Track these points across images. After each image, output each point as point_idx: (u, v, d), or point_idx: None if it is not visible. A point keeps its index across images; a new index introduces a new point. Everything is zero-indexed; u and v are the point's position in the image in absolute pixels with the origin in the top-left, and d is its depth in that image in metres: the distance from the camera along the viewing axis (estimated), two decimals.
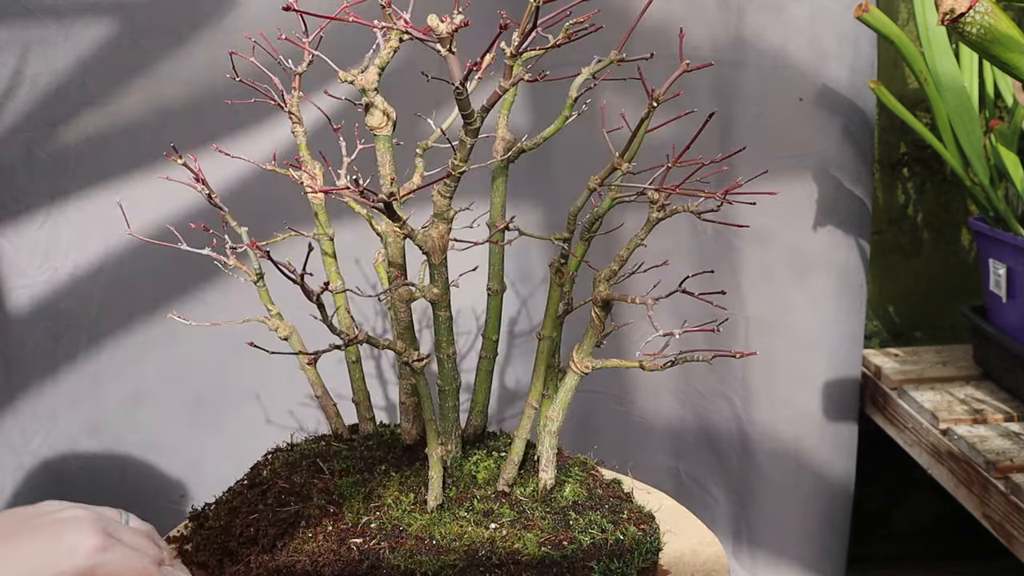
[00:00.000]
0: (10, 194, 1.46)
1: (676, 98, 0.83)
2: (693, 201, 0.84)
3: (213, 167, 1.41)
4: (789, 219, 1.51)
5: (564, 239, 0.93)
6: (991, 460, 1.25)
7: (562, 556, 0.84)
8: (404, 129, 0.97)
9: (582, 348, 0.89)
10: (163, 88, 1.45)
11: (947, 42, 1.38)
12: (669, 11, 1.45)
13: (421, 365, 0.86)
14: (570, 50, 0.98)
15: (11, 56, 1.41)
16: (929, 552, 1.88)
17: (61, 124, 1.44)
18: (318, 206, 1.03)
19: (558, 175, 1.54)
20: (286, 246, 1.45)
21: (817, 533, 1.58)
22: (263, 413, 1.56)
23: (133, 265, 1.49)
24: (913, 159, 1.73)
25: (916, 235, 1.75)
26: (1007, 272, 1.39)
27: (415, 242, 0.84)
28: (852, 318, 1.54)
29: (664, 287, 0.86)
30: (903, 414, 1.48)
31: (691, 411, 1.62)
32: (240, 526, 0.91)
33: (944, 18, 0.86)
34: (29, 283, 1.48)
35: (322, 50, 0.93)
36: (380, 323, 1.56)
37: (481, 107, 0.75)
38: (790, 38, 1.45)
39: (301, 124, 0.99)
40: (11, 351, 1.50)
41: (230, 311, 1.51)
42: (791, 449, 1.56)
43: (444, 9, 0.76)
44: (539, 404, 0.95)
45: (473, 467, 0.97)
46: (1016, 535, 1.20)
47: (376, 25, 0.83)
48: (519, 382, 1.59)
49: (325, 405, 1.07)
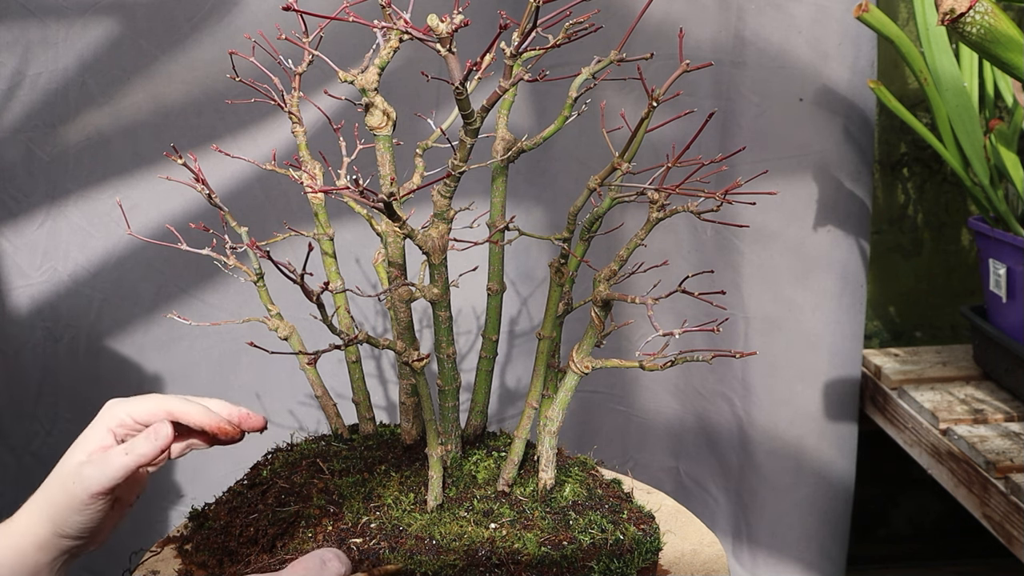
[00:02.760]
0: (10, 194, 1.46)
1: (676, 98, 0.83)
2: (693, 201, 0.84)
3: (213, 167, 1.41)
4: (789, 219, 1.51)
5: (564, 239, 0.93)
6: (991, 460, 1.25)
7: (562, 556, 0.84)
8: (404, 129, 0.97)
9: (582, 348, 0.89)
10: (163, 88, 1.45)
11: (947, 42, 1.38)
12: (669, 11, 1.45)
13: (421, 365, 0.86)
14: (570, 50, 0.98)
15: (12, 56, 1.41)
16: (929, 552, 1.88)
17: (61, 124, 1.44)
18: (318, 206, 1.03)
19: (558, 175, 1.54)
20: (286, 246, 1.46)
21: (817, 533, 1.58)
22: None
23: (133, 265, 1.49)
24: (913, 159, 1.73)
25: (916, 235, 1.76)
26: (1007, 272, 1.39)
27: (415, 242, 0.84)
28: (852, 318, 1.54)
29: (664, 287, 0.86)
30: (903, 414, 1.48)
31: (691, 411, 1.62)
32: (240, 526, 0.91)
33: (944, 18, 0.86)
34: (29, 283, 1.48)
35: (322, 50, 0.93)
36: (380, 323, 1.56)
37: (481, 107, 0.75)
38: (790, 38, 1.45)
39: (301, 124, 0.99)
40: (11, 351, 1.50)
41: (230, 311, 1.52)
42: (791, 449, 1.56)
43: (444, 9, 0.76)
44: (539, 404, 0.95)
45: (473, 467, 0.97)
46: (1016, 535, 1.20)
47: (376, 25, 0.83)
48: (519, 382, 1.59)
49: (325, 405, 1.07)
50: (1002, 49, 0.87)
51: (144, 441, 0.77)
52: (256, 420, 0.84)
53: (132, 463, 0.76)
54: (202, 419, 0.80)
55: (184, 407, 0.80)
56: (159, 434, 0.77)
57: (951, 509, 1.52)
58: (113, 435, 0.79)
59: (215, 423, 0.80)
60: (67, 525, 0.77)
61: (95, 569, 1.57)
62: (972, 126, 1.39)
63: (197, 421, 0.80)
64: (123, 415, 0.80)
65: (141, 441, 0.77)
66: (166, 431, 0.77)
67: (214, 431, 0.80)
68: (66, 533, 0.77)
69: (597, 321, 0.88)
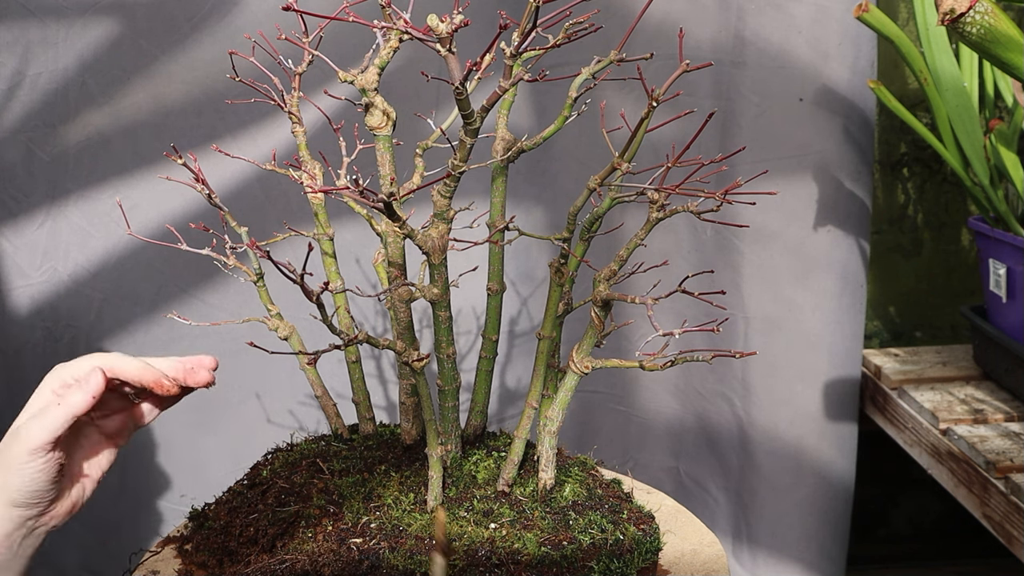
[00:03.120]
0: (10, 194, 1.46)
1: (676, 98, 0.83)
2: (693, 201, 0.84)
3: (213, 167, 1.41)
4: (789, 219, 1.51)
5: (564, 239, 0.93)
6: (991, 460, 1.25)
7: (562, 556, 0.84)
8: (404, 129, 0.97)
9: (582, 348, 0.89)
10: (163, 88, 1.45)
11: (947, 42, 1.38)
12: (669, 11, 1.45)
13: (421, 365, 0.86)
14: (570, 50, 0.98)
15: (12, 56, 1.41)
16: (929, 552, 1.88)
17: (61, 124, 1.44)
18: (318, 206, 1.03)
19: (558, 175, 1.54)
20: (286, 246, 1.46)
21: (817, 533, 1.58)
22: (263, 413, 1.56)
23: (133, 265, 1.49)
24: (913, 159, 1.73)
25: (916, 235, 1.75)
26: (1007, 272, 1.39)
27: (415, 242, 0.84)
28: (852, 318, 1.54)
29: (664, 287, 0.86)
30: (903, 414, 1.48)
31: (691, 411, 1.62)
32: (240, 526, 0.91)
33: (944, 18, 0.86)
34: (29, 283, 1.48)
35: (322, 50, 0.93)
36: (380, 323, 1.56)
37: (481, 107, 0.75)
38: (790, 38, 1.45)
39: (301, 124, 0.99)
40: (11, 351, 1.50)
41: (230, 311, 1.52)
42: (791, 449, 1.56)
43: (444, 9, 0.76)
44: (539, 404, 0.95)
45: (473, 467, 0.97)
46: (1016, 535, 1.20)
47: (376, 25, 0.83)
48: (519, 382, 1.59)
49: (325, 405, 1.07)
50: (1002, 49, 0.87)
51: (76, 391, 0.77)
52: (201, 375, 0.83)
53: (65, 413, 0.76)
54: (138, 374, 0.80)
55: (120, 362, 0.80)
56: (89, 382, 0.77)
57: (951, 509, 1.52)
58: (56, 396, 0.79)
59: (152, 377, 0.80)
60: (12, 489, 0.76)
61: (95, 569, 1.57)
62: (972, 126, 1.39)
63: (134, 376, 0.80)
64: (65, 375, 0.80)
65: (73, 391, 0.77)
66: (97, 378, 0.77)
67: (150, 386, 0.80)
68: (14, 500, 0.76)
69: (597, 321, 0.88)
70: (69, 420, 0.76)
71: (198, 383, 0.83)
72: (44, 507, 0.78)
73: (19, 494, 0.76)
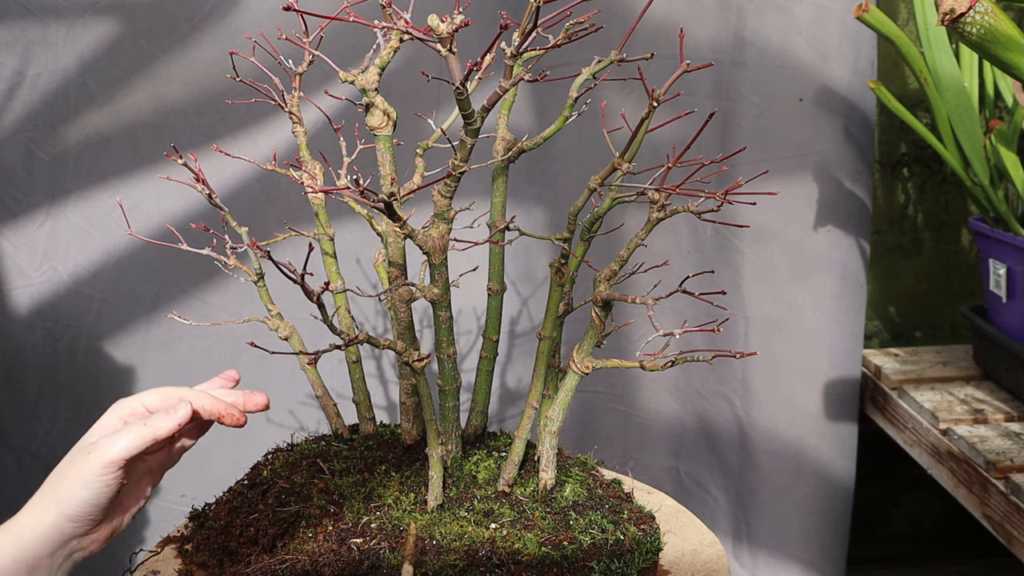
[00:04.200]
0: (10, 194, 1.46)
1: (676, 98, 0.83)
2: (693, 201, 0.84)
3: (213, 167, 1.41)
4: (789, 219, 1.51)
5: (564, 239, 0.93)
6: (991, 460, 1.25)
7: (562, 556, 0.84)
8: (404, 129, 0.97)
9: (582, 348, 0.89)
10: (163, 88, 1.45)
11: (947, 42, 1.38)
12: (669, 11, 1.45)
13: (421, 365, 0.86)
14: (570, 50, 0.98)
15: (12, 56, 1.41)
16: (929, 552, 1.88)
17: (61, 124, 1.44)
18: (318, 206, 1.03)
19: (558, 175, 1.54)
20: (286, 246, 1.46)
21: (817, 533, 1.58)
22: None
23: (133, 265, 1.49)
24: (913, 159, 1.73)
25: (916, 235, 1.76)
26: (1007, 272, 1.39)
27: (415, 242, 0.84)
28: (852, 318, 1.54)
29: (664, 287, 0.86)
30: (903, 414, 1.48)
31: (691, 411, 1.62)
32: (240, 526, 0.91)
33: (944, 18, 0.86)
34: (29, 283, 1.48)
35: (322, 50, 0.93)
36: (380, 323, 1.56)
37: (481, 107, 0.75)
38: (790, 38, 1.45)
39: (301, 124, 0.99)
40: (11, 351, 1.50)
41: (230, 311, 1.52)
42: (791, 449, 1.56)
43: (444, 9, 0.76)
44: (539, 404, 0.95)
45: (473, 467, 0.97)
46: (1016, 535, 1.20)
47: (376, 25, 0.83)
48: (519, 382, 1.59)
49: (325, 405, 1.07)
50: (1002, 49, 0.87)
51: (164, 417, 0.78)
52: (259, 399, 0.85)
53: (150, 434, 0.77)
54: (211, 406, 0.81)
55: (195, 395, 0.81)
56: (178, 411, 0.78)
57: (951, 509, 1.52)
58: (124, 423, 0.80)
59: (222, 409, 0.81)
60: (74, 502, 0.76)
61: (95, 569, 1.57)
62: (972, 126, 1.39)
63: (208, 408, 0.81)
64: (135, 404, 0.81)
65: (161, 416, 0.78)
66: (185, 409, 0.79)
67: (221, 416, 0.81)
68: (71, 514, 0.76)
69: (597, 321, 0.88)
70: (149, 442, 0.77)
71: (257, 406, 0.85)
72: (91, 527, 0.78)
73: (79, 507, 0.76)
